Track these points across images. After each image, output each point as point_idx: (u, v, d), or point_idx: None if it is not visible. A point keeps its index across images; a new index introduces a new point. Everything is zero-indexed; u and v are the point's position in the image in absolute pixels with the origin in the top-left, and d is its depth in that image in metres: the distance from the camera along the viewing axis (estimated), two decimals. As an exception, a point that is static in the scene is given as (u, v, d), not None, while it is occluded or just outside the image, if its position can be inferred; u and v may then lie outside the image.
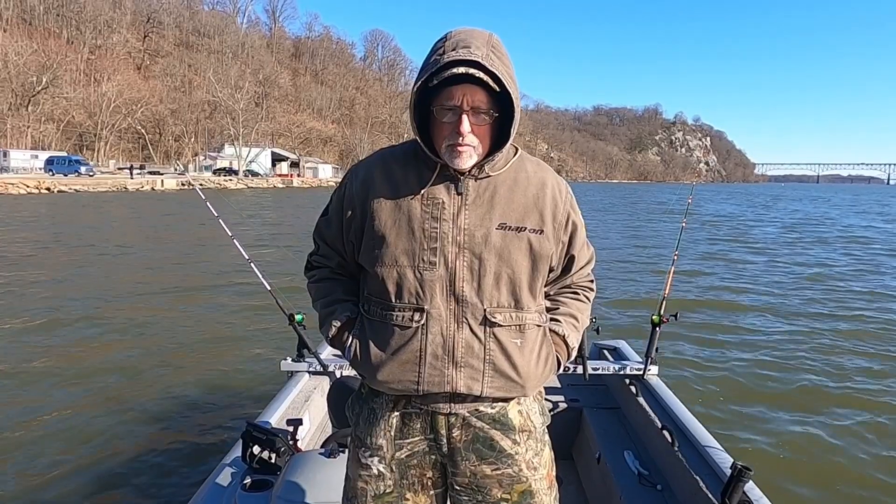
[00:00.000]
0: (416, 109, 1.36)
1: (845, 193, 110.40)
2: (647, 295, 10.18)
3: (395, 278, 1.37)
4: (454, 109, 1.30)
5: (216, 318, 8.21)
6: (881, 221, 33.31)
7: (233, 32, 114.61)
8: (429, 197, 1.37)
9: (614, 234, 21.28)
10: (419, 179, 1.39)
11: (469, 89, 1.29)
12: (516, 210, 1.39)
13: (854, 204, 59.30)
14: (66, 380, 5.73)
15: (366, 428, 1.46)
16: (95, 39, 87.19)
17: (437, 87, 1.30)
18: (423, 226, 1.36)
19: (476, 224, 1.36)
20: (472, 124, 1.30)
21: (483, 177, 1.38)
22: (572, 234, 1.49)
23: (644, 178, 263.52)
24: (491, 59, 1.27)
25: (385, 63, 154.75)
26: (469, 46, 1.27)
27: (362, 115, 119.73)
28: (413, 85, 1.32)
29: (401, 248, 1.36)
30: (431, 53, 1.31)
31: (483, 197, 1.38)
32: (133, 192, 46.89)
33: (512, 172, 1.42)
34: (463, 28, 1.34)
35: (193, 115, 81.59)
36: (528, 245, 1.38)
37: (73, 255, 14.09)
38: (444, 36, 1.33)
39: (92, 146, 72.32)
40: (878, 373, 6.36)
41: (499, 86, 1.28)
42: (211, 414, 4.98)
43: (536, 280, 1.42)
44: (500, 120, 1.34)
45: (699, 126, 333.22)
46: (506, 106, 1.33)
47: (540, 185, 1.43)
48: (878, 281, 12.48)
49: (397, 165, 1.42)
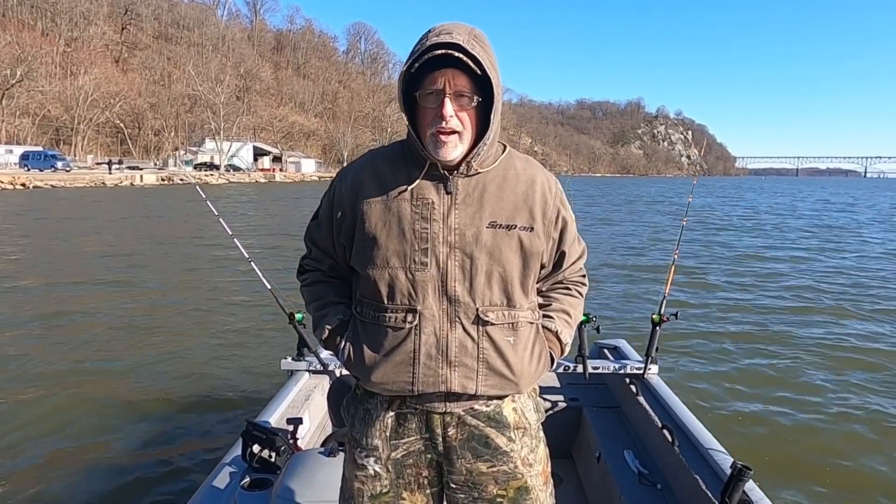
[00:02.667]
0: (406, 107, 1.37)
1: (824, 186, 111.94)
2: (647, 294, 10.15)
3: (386, 280, 1.38)
4: (437, 93, 1.31)
5: (216, 317, 8.14)
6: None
7: (213, 25, 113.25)
8: (418, 197, 1.38)
9: (614, 233, 21.29)
10: (408, 180, 1.39)
11: (451, 73, 1.30)
12: (506, 208, 1.39)
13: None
14: (65, 379, 5.68)
15: (361, 428, 1.47)
16: (71, 31, 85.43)
17: (422, 75, 1.32)
18: (413, 226, 1.37)
19: (466, 223, 1.37)
20: (456, 109, 1.31)
21: (472, 174, 1.39)
22: (563, 230, 1.49)
23: (627, 171, 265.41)
24: (472, 44, 1.29)
25: (368, 56, 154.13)
26: (451, 33, 1.29)
27: (345, 109, 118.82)
28: (399, 74, 1.34)
29: (392, 249, 1.37)
30: (416, 44, 1.33)
31: (472, 195, 1.38)
32: (112, 187, 46.12)
33: (501, 170, 1.42)
34: (448, 22, 1.37)
35: (173, 108, 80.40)
36: (518, 243, 1.39)
37: (62, 252, 13.84)
38: (428, 30, 1.35)
39: (69, 141, 70.90)
40: (879, 373, 6.33)
41: (480, 69, 1.29)
42: (211, 413, 4.96)
43: (528, 277, 1.43)
44: (484, 108, 1.35)
45: (681, 120, 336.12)
46: (489, 93, 1.34)
47: (529, 182, 1.44)
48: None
49: (386, 167, 1.43)
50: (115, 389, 5.44)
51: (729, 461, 2.25)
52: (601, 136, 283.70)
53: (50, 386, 5.49)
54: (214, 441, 4.39)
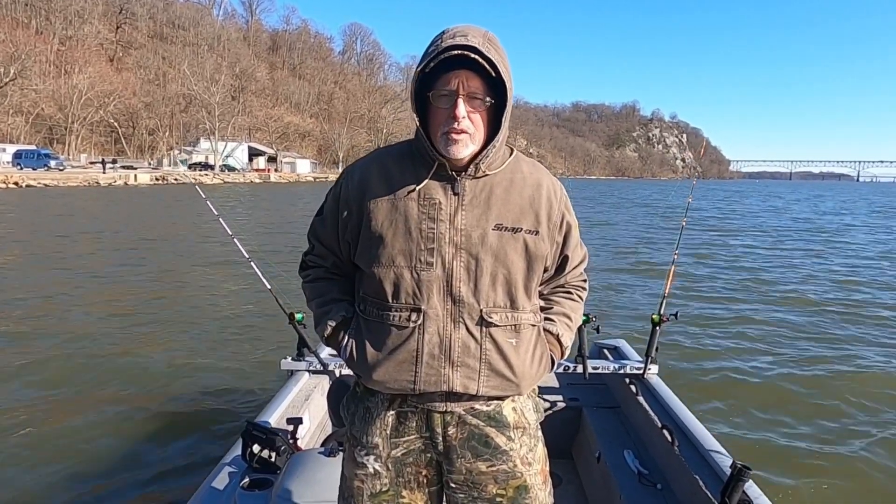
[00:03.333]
0: (417, 104, 1.38)
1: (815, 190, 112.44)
2: (647, 294, 10.13)
3: (392, 278, 1.38)
4: (450, 94, 1.32)
5: (215, 317, 8.09)
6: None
7: (208, 24, 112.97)
8: (426, 197, 1.38)
9: (614, 234, 21.32)
10: (416, 179, 1.39)
11: (465, 74, 1.31)
12: (512, 211, 1.40)
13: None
14: (64, 379, 5.65)
15: (361, 427, 1.47)
16: (66, 30, 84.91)
17: (436, 76, 1.33)
18: (420, 226, 1.37)
19: (473, 225, 1.38)
20: (468, 110, 1.32)
21: (480, 176, 1.39)
22: (566, 235, 1.50)
23: (622, 174, 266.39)
24: (487, 47, 1.30)
25: (364, 57, 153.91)
26: (466, 35, 1.30)
27: (341, 110, 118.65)
28: (413, 74, 1.35)
29: (398, 248, 1.37)
30: (430, 45, 1.34)
31: (479, 197, 1.39)
32: (105, 186, 45.89)
33: (508, 173, 1.43)
34: (461, 24, 1.38)
35: (168, 108, 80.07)
36: (523, 246, 1.40)
37: (57, 252, 13.72)
38: (442, 31, 1.36)
39: (62, 139, 70.43)
40: (879, 373, 6.32)
41: (494, 72, 1.30)
42: (211, 413, 4.94)
43: (532, 280, 1.44)
44: (496, 110, 1.36)
45: (676, 123, 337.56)
46: (501, 96, 1.35)
47: (535, 186, 1.45)
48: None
49: (394, 165, 1.43)
50: (115, 389, 5.41)
51: (729, 461, 2.25)
52: (596, 139, 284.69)
53: (49, 386, 5.45)
54: (214, 441, 4.38)
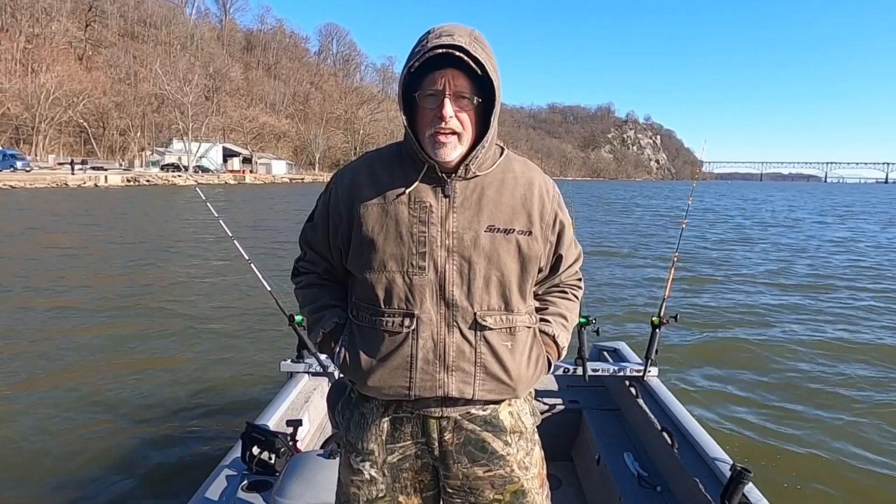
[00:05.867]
0: (405, 105, 1.36)
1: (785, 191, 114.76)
2: (647, 296, 10.11)
3: (384, 284, 1.36)
4: (437, 94, 1.30)
5: (215, 319, 8.00)
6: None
7: (181, 23, 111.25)
8: (416, 200, 1.36)
9: (614, 234, 21.35)
10: (406, 183, 1.37)
11: (451, 74, 1.29)
12: (504, 212, 1.38)
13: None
14: (64, 380, 5.60)
15: (356, 433, 1.45)
16: (32, 27, 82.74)
17: (421, 76, 1.31)
18: (411, 230, 1.35)
19: (464, 227, 1.35)
20: (455, 110, 1.30)
21: (470, 177, 1.37)
22: (560, 234, 1.48)
23: (597, 175, 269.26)
24: (473, 45, 1.28)
25: (340, 58, 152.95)
26: (452, 34, 1.28)
27: (317, 111, 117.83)
28: (400, 75, 1.33)
29: (389, 253, 1.35)
30: (416, 45, 1.32)
31: (470, 199, 1.37)
32: (75, 188, 44.83)
33: (499, 173, 1.41)
34: (447, 24, 1.36)
35: (139, 108, 78.65)
36: (517, 247, 1.38)
37: (58, 252, 13.38)
38: (428, 30, 1.34)
39: (29, 140, 68.62)
40: (880, 373, 6.32)
41: (481, 70, 1.28)
42: (210, 414, 4.91)
43: (526, 282, 1.42)
44: (484, 110, 1.34)
45: (650, 125, 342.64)
46: (489, 96, 1.33)
47: (527, 186, 1.43)
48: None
49: (383, 169, 1.41)
50: (114, 391, 5.36)
51: (729, 463, 2.25)
52: (572, 140, 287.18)
53: (48, 388, 5.40)
54: (214, 443, 4.35)
